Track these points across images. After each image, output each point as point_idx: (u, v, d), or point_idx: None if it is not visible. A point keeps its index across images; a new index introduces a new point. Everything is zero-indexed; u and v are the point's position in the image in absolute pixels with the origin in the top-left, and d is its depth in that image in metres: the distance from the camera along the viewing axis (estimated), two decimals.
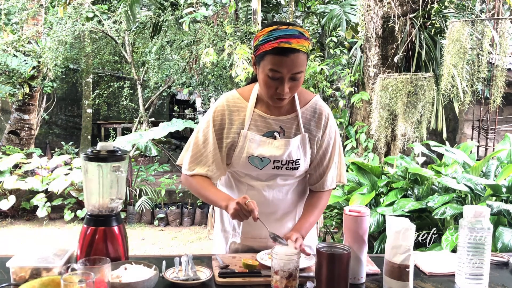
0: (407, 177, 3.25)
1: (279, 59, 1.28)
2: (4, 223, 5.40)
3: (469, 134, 5.20)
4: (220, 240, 1.62)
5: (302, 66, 1.31)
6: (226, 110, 1.46)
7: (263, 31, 1.32)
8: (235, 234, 1.56)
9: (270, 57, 1.29)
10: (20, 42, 6.20)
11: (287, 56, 1.27)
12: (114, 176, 1.32)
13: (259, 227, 1.39)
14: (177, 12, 5.87)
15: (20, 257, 1.24)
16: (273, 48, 1.27)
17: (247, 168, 1.46)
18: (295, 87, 1.35)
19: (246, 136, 1.43)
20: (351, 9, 5.03)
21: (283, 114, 1.46)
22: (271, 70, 1.30)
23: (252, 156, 1.43)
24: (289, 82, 1.32)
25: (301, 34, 1.30)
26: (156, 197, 5.67)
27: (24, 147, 6.55)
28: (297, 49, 1.27)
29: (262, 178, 1.49)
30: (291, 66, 1.28)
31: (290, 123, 1.46)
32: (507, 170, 2.82)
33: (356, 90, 4.85)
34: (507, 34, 3.89)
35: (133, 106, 8.35)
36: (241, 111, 1.46)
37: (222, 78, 6.08)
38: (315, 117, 1.48)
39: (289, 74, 1.30)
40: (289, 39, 1.27)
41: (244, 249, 1.55)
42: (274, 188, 1.49)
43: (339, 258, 1.15)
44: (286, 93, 1.33)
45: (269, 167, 1.45)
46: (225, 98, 1.49)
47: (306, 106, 1.48)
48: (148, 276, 1.18)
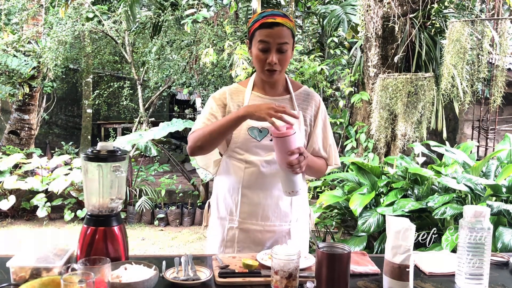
0: (407, 177, 3.25)
1: (266, 32, 1.48)
2: (4, 223, 5.40)
3: (469, 134, 5.20)
4: (217, 229, 1.65)
5: (287, 38, 1.49)
6: (227, 92, 1.63)
7: (255, 14, 1.55)
8: (232, 218, 1.59)
9: (258, 32, 1.50)
10: (20, 42, 6.20)
11: (272, 29, 1.47)
12: (114, 176, 1.32)
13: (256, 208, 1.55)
14: (177, 12, 5.87)
15: (20, 257, 1.24)
16: (261, 24, 1.49)
17: (246, 142, 1.55)
18: (283, 60, 1.51)
19: None
20: (352, 9, 5.03)
21: (278, 95, 1.62)
22: (260, 42, 1.49)
23: (252, 127, 1.54)
24: (277, 54, 1.49)
25: (285, 15, 1.51)
26: (156, 197, 5.68)
27: (24, 147, 6.55)
28: (281, 23, 1.48)
29: (260, 153, 1.56)
30: (276, 36, 1.47)
31: (285, 102, 1.61)
32: (507, 170, 2.82)
33: (356, 90, 4.85)
34: (507, 34, 3.88)
35: (133, 106, 8.35)
36: (240, 93, 1.62)
37: (222, 78, 6.08)
38: (307, 100, 1.64)
39: (276, 44, 1.48)
40: (274, 16, 1.49)
41: (242, 234, 1.58)
42: (271, 164, 1.55)
43: (339, 258, 1.15)
44: (275, 64, 1.49)
45: (267, 138, 1.54)
46: (226, 87, 1.67)
47: (299, 90, 1.65)
48: (148, 276, 1.18)
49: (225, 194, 1.61)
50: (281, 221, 1.57)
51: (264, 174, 1.55)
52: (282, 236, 1.58)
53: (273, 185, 1.55)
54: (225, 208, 1.62)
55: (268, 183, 1.55)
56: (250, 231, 1.57)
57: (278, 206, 1.56)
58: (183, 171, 6.25)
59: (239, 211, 1.57)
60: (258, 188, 1.55)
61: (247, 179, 1.55)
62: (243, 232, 1.58)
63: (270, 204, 1.55)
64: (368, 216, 3.06)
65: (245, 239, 1.57)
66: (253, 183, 1.55)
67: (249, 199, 1.56)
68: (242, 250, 1.57)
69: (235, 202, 1.58)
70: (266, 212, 1.56)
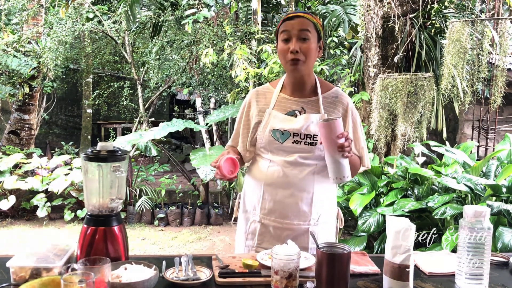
0: (407, 177, 3.25)
1: (288, 23, 1.56)
2: (4, 223, 5.40)
3: (469, 134, 5.20)
4: (241, 222, 1.74)
5: (309, 27, 1.54)
6: (254, 95, 1.71)
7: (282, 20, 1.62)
8: (255, 213, 1.66)
9: (282, 25, 1.58)
10: (20, 42, 6.20)
11: (293, 20, 1.55)
12: (114, 176, 1.32)
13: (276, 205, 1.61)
14: (177, 12, 5.86)
15: (20, 257, 1.24)
16: (284, 18, 1.58)
17: (270, 143, 1.61)
18: (306, 50, 1.54)
19: (271, 113, 1.63)
20: (352, 10, 5.03)
21: (305, 97, 1.64)
22: (282, 32, 1.56)
23: (274, 129, 1.60)
24: (298, 42, 1.53)
25: (309, 12, 1.59)
26: (156, 197, 5.68)
27: (24, 147, 6.54)
28: (302, 15, 1.55)
29: (283, 154, 1.61)
30: (297, 25, 1.54)
31: (311, 104, 1.63)
32: (507, 170, 2.82)
33: (356, 90, 4.84)
34: (507, 34, 3.88)
35: (133, 106, 8.35)
36: (268, 94, 1.69)
37: (222, 78, 6.07)
38: (335, 102, 1.64)
39: (296, 31, 1.53)
40: (297, 12, 1.58)
41: (262, 229, 1.64)
42: (293, 165, 1.60)
43: (339, 258, 1.15)
44: (297, 53, 1.53)
45: (289, 140, 1.59)
46: (255, 89, 1.75)
47: (328, 92, 1.66)
48: (148, 276, 1.19)
49: (252, 189, 1.70)
50: (300, 220, 1.61)
51: (285, 174, 1.59)
52: (301, 234, 1.61)
53: (294, 185, 1.59)
54: (250, 203, 1.70)
55: (289, 183, 1.59)
56: (270, 227, 1.63)
57: (298, 206, 1.60)
58: (183, 171, 6.25)
59: (260, 207, 1.64)
60: (279, 187, 1.60)
61: (270, 177, 1.62)
62: (264, 227, 1.64)
63: (290, 203, 1.60)
64: (368, 216, 3.06)
65: (265, 233, 1.64)
66: (274, 181, 1.61)
67: (271, 196, 1.62)
68: (262, 243, 1.64)
69: (258, 198, 1.65)
70: (286, 211, 1.60)
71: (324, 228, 1.65)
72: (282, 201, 1.60)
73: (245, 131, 1.70)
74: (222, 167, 1.45)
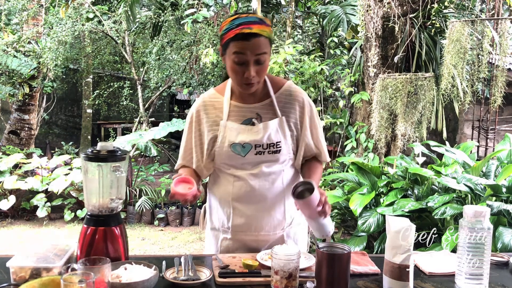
0: (407, 177, 3.25)
1: (242, 44, 1.35)
2: (4, 223, 5.40)
3: (469, 134, 5.20)
4: (210, 240, 1.64)
5: (265, 48, 1.37)
6: (202, 107, 1.55)
7: (226, 21, 1.39)
8: (225, 230, 1.57)
9: (233, 43, 1.36)
10: (20, 42, 6.20)
11: (249, 40, 1.34)
12: (114, 176, 1.32)
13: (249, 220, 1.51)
14: (177, 12, 5.86)
15: (20, 257, 1.24)
16: (236, 35, 1.35)
17: (231, 158, 1.50)
18: (261, 71, 1.41)
19: (226, 125, 1.49)
20: (352, 10, 5.03)
21: (258, 101, 1.52)
22: (236, 54, 1.37)
23: (233, 143, 1.48)
24: (254, 66, 1.38)
25: (261, 21, 1.38)
26: (156, 197, 5.67)
27: (24, 147, 6.54)
28: (258, 33, 1.35)
29: (247, 167, 1.51)
30: (253, 48, 1.35)
31: (266, 109, 1.51)
32: (507, 170, 2.82)
33: (356, 90, 4.84)
34: (507, 34, 3.88)
35: (133, 106, 8.35)
36: (217, 104, 1.53)
37: (222, 78, 6.08)
38: (290, 101, 1.53)
39: (253, 57, 1.36)
40: (250, 25, 1.34)
41: (236, 244, 1.56)
42: (260, 177, 1.51)
43: (339, 258, 1.15)
44: (253, 77, 1.39)
45: (251, 153, 1.48)
46: (201, 96, 1.59)
47: (280, 91, 1.53)
48: (148, 276, 1.18)
49: (217, 206, 1.60)
50: (275, 229, 1.55)
51: (253, 187, 1.50)
52: (276, 241, 1.55)
53: (264, 197, 1.52)
54: (218, 220, 1.60)
55: (258, 196, 1.51)
56: (244, 241, 1.56)
57: (271, 217, 1.53)
58: None
59: (231, 224, 1.55)
60: (249, 202, 1.51)
61: (237, 193, 1.52)
62: (237, 242, 1.56)
63: (262, 215, 1.52)
64: (368, 216, 3.06)
65: (239, 248, 1.56)
66: (242, 196, 1.51)
67: (241, 212, 1.53)
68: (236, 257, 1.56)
69: (227, 215, 1.56)
70: (260, 223, 1.53)
71: (298, 228, 1.62)
72: (254, 215, 1.52)
73: (198, 148, 1.55)
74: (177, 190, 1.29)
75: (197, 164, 1.56)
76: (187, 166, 1.58)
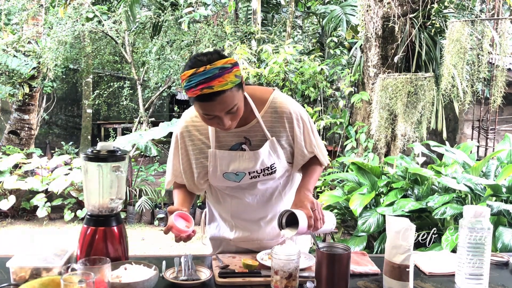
0: (407, 177, 3.25)
1: (207, 105, 1.24)
2: (4, 223, 5.40)
3: (469, 134, 5.20)
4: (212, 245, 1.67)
5: (233, 101, 1.25)
6: (186, 132, 1.45)
7: (184, 74, 1.24)
8: (228, 242, 1.59)
9: (198, 104, 1.26)
10: (20, 42, 6.20)
11: (214, 101, 1.22)
12: (114, 176, 1.32)
13: (250, 233, 1.53)
14: (177, 12, 5.86)
15: (20, 257, 1.24)
16: (197, 96, 1.22)
17: (226, 183, 1.48)
18: (236, 116, 1.30)
19: (215, 154, 1.42)
20: (352, 10, 5.03)
21: (244, 124, 1.41)
22: (204, 114, 1.28)
23: (226, 173, 1.43)
24: (227, 116, 1.27)
25: (223, 69, 1.21)
26: (156, 197, 5.67)
27: (24, 147, 6.54)
28: (221, 90, 1.21)
29: (242, 187, 1.50)
30: (220, 106, 1.24)
31: (254, 131, 1.42)
32: (507, 170, 2.82)
33: (356, 90, 4.84)
34: (507, 34, 3.88)
35: (133, 106, 8.35)
36: (200, 128, 1.44)
37: None
38: (277, 119, 1.42)
39: (222, 112, 1.26)
40: (210, 82, 1.20)
41: (238, 250, 1.58)
42: (256, 194, 1.51)
43: (339, 258, 1.15)
44: (229, 126, 1.30)
45: (246, 178, 1.45)
46: (183, 118, 1.48)
47: (265, 109, 1.42)
48: (148, 276, 1.18)
49: (218, 218, 1.62)
50: (278, 236, 1.56)
51: (251, 205, 1.52)
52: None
53: (263, 211, 1.53)
54: (219, 232, 1.61)
55: (257, 211, 1.53)
56: (246, 247, 1.58)
57: (273, 227, 1.54)
58: None
59: (233, 237, 1.56)
60: (249, 218, 1.54)
61: (235, 211, 1.54)
62: (240, 249, 1.59)
63: (263, 228, 1.55)
64: (368, 216, 3.06)
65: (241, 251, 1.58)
66: (242, 213, 1.53)
67: (242, 225, 1.55)
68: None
69: (229, 227, 1.58)
70: (261, 234, 1.55)
71: None
72: (256, 229, 1.54)
73: (188, 172, 1.48)
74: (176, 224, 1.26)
75: (189, 185, 1.50)
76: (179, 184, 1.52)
